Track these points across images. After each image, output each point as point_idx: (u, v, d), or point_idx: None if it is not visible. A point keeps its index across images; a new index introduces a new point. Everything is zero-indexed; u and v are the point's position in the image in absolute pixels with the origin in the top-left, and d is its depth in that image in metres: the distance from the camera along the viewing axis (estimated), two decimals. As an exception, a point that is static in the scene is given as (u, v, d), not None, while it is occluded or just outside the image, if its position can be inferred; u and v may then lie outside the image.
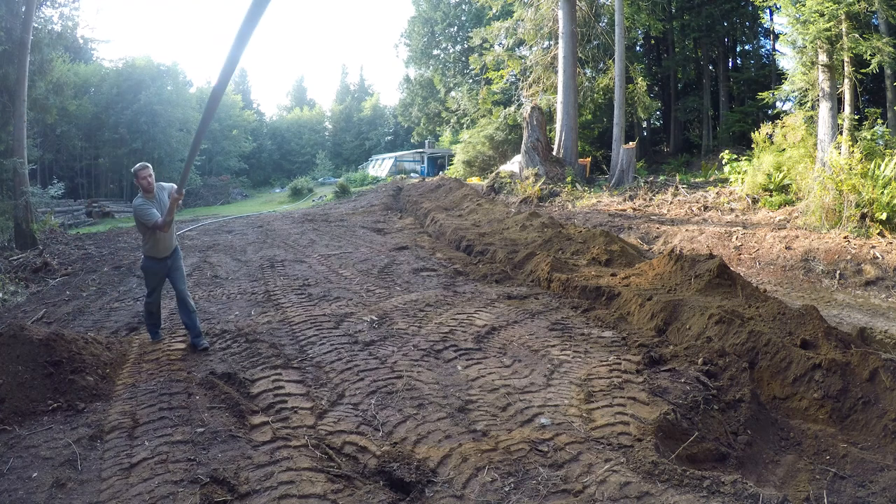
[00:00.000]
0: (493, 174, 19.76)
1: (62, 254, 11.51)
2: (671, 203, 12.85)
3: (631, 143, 17.48)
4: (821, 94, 11.09)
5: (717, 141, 22.70)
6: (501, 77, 25.62)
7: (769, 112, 18.88)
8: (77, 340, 4.19)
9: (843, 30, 10.62)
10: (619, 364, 4.13)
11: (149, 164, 4.81)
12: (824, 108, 11.00)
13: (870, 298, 6.89)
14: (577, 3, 19.28)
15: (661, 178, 16.33)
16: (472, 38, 24.45)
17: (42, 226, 13.17)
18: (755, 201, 11.60)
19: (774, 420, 3.52)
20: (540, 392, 3.72)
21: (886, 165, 9.14)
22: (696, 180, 15.78)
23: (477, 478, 2.77)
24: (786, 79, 12.83)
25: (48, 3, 15.20)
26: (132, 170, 4.84)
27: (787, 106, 16.00)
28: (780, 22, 19.82)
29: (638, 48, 27.79)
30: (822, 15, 10.43)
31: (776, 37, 22.16)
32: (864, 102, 16.48)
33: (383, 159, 42.70)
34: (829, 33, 10.53)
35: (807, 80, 11.43)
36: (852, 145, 10.16)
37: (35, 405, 3.56)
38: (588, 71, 22.48)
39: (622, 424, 3.24)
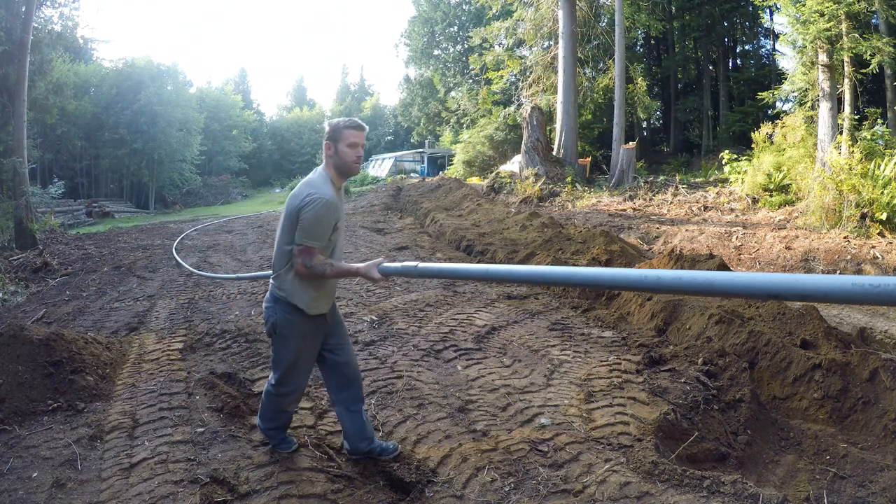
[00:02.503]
0: (493, 174, 19.75)
1: (62, 254, 11.51)
2: (671, 203, 12.85)
3: (631, 143, 17.49)
4: (821, 94, 11.09)
5: (717, 141, 22.72)
6: (501, 77, 25.62)
7: (769, 112, 18.88)
8: (77, 340, 4.19)
9: (843, 30, 10.62)
10: (619, 364, 4.13)
11: (365, 125, 2.59)
12: (824, 108, 11.00)
13: (870, 298, 6.88)
14: (577, 3, 19.28)
15: (661, 178, 16.33)
16: (472, 38, 24.48)
17: (42, 226, 13.17)
18: (755, 201, 11.60)
19: (774, 420, 3.52)
20: (540, 392, 3.72)
21: (886, 165, 9.14)
22: (696, 180, 15.78)
23: (477, 478, 2.77)
24: (786, 79, 12.85)
25: (48, 3, 15.20)
26: (329, 131, 2.55)
27: (787, 106, 16.01)
28: (780, 22, 19.82)
29: (638, 48, 27.79)
30: (822, 15, 10.43)
31: (776, 37, 22.19)
32: (864, 102, 16.49)
33: (383, 159, 42.65)
34: (829, 33, 10.54)
35: (807, 80, 11.44)
36: (852, 145, 10.17)
37: (35, 405, 3.55)
38: (588, 71, 22.50)
39: (622, 424, 3.24)
